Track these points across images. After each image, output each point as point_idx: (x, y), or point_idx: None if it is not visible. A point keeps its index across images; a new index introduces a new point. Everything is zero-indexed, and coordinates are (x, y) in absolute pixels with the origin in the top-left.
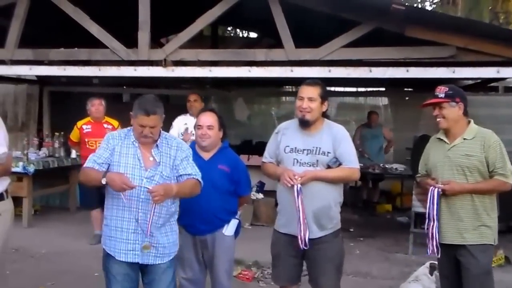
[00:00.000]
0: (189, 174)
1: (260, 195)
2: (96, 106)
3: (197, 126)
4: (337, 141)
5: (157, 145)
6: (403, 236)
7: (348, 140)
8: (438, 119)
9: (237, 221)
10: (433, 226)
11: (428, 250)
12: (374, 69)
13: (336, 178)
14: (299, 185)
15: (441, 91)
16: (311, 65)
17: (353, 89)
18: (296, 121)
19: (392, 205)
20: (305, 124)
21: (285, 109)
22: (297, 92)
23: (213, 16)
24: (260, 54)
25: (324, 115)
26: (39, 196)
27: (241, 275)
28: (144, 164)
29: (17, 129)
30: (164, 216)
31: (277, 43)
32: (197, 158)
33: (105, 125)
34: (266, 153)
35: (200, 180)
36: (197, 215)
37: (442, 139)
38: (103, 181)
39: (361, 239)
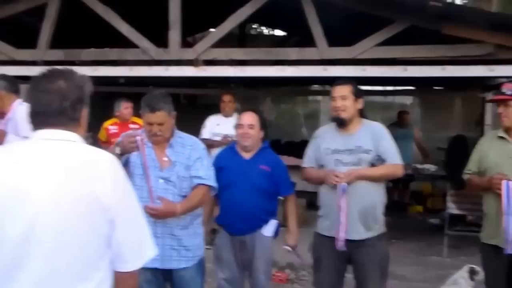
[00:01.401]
0: (199, 177)
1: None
2: (129, 108)
3: (238, 126)
4: (377, 139)
5: (171, 144)
6: (436, 238)
7: (388, 136)
8: (502, 117)
9: (276, 221)
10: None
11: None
12: (409, 67)
13: (381, 175)
14: (344, 184)
15: (509, 88)
16: (345, 64)
17: (381, 88)
18: (333, 124)
19: (423, 207)
20: (341, 123)
21: (312, 108)
22: (326, 91)
23: (244, 14)
24: (292, 53)
25: (361, 114)
26: None
27: (274, 277)
28: (159, 164)
29: None
30: (186, 217)
31: (306, 41)
32: (237, 157)
33: (131, 125)
34: (306, 159)
35: (211, 184)
36: (237, 215)
37: (504, 138)
38: (117, 150)
39: (394, 241)
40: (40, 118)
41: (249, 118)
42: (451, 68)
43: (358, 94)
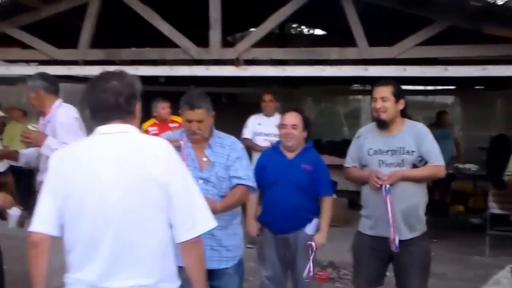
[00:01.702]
0: (239, 177)
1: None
2: (167, 108)
3: (281, 126)
4: (420, 140)
5: (209, 145)
6: (478, 237)
7: (430, 137)
8: None
9: (319, 220)
10: None
11: None
12: (449, 67)
13: (423, 176)
14: (387, 186)
15: None
16: (385, 64)
17: (422, 87)
18: (375, 124)
19: (464, 206)
20: (382, 124)
21: (353, 107)
22: (367, 91)
23: (285, 14)
24: (333, 52)
25: (404, 115)
26: None
27: (316, 276)
28: (199, 165)
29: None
30: (225, 218)
31: (346, 40)
32: (281, 157)
33: (171, 124)
34: (348, 158)
35: (250, 184)
36: (279, 213)
37: None
38: None
39: (435, 240)
40: (100, 115)
41: (292, 118)
42: (492, 68)
43: (399, 95)
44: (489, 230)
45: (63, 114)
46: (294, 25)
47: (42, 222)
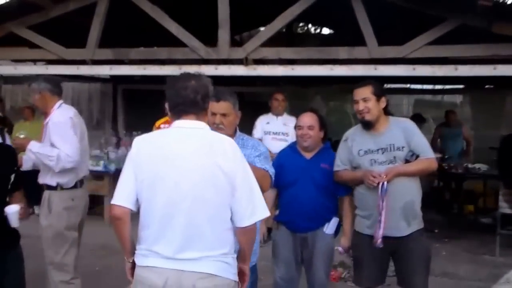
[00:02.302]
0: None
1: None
2: None
3: (297, 127)
4: (408, 135)
5: None
6: (489, 237)
7: (418, 131)
8: None
9: (338, 219)
10: None
11: None
12: (459, 67)
13: (418, 170)
14: (385, 183)
15: None
16: (395, 63)
17: (430, 87)
18: (361, 125)
19: (474, 206)
20: (367, 125)
21: None
22: None
23: (293, 13)
24: (342, 52)
25: (387, 112)
26: None
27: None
28: None
29: (92, 128)
30: None
31: (354, 40)
32: (298, 156)
33: None
34: (338, 161)
35: (271, 175)
36: (299, 213)
37: None
38: None
39: (446, 240)
40: (179, 108)
41: (308, 119)
42: (503, 67)
43: (379, 93)
44: (499, 230)
45: (58, 114)
46: (301, 24)
47: (124, 197)
